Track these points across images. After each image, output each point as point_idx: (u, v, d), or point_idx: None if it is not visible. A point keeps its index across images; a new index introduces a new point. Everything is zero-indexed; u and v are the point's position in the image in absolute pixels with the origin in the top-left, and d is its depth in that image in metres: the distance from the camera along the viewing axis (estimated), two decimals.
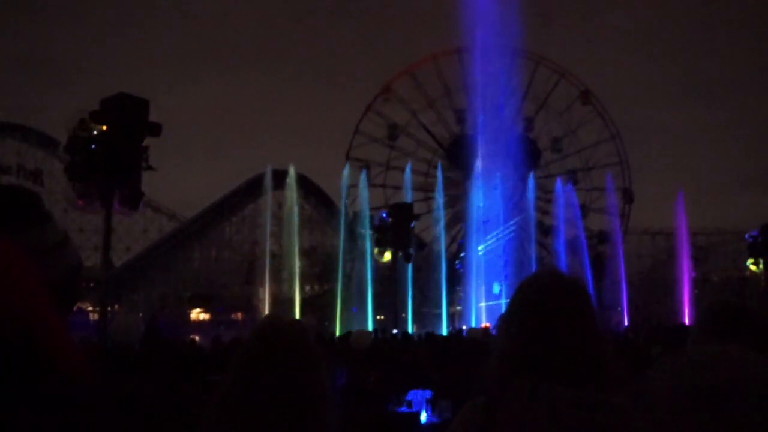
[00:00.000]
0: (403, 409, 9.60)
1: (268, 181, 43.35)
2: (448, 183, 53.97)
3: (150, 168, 17.79)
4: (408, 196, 45.33)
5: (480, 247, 44.29)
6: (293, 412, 2.20)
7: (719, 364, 1.39)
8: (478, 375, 2.50)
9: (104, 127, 16.86)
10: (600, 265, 45.75)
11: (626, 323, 37.36)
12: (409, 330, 30.68)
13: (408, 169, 48.05)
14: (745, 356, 1.42)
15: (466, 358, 13.12)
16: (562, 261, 42.73)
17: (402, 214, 33.39)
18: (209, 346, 17.47)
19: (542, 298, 2.18)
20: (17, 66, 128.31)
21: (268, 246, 42.58)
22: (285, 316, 2.48)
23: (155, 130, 17.65)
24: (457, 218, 54.34)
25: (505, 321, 2.26)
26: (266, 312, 35.14)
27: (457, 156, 53.31)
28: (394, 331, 27.10)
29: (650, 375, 1.47)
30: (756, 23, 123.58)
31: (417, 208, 38.41)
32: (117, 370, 6.71)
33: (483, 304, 41.55)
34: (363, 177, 45.57)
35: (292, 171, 41.71)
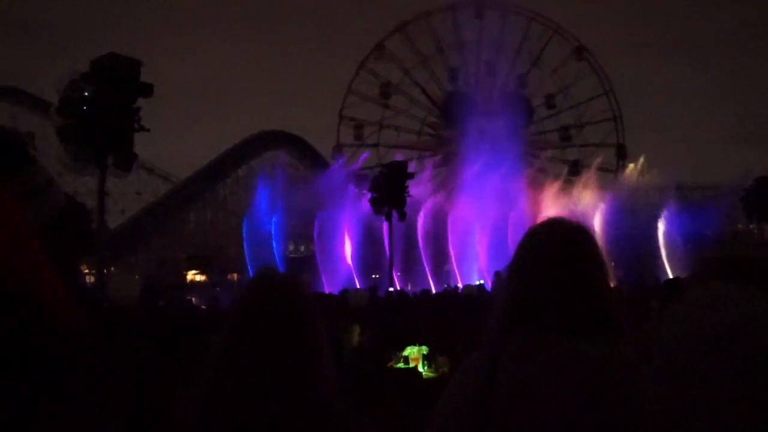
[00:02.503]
0: (401, 365, 9.68)
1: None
2: (442, 141, 53.89)
3: (143, 129, 17.68)
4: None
5: None
6: (290, 368, 2.19)
7: (721, 305, 1.37)
8: (475, 330, 2.47)
9: (95, 89, 16.72)
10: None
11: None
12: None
13: None
14: (746, 294, 1.40)
15: (461, 314, 13.21)
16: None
17: (396, 172, 33.29)
18: (206, 307, 17.54)
19: (547, 245, 2.14)
20: (10, 29, 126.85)
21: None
22: (279, 272, 2.46)
23: (147, 90, 17.52)
24: (451, 176, 54.30)
25: (510, 270, 2.22)
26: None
27: (450, 114, 53.11)
28: (390, 289, 27.21)
29: (653, 325, 1.45)
30: None
31: (410, 168, 38.23)
32: (115, 330, 6.74)
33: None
34: None
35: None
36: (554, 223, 2.24)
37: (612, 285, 2.22)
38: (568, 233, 2.16)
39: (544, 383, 1.94)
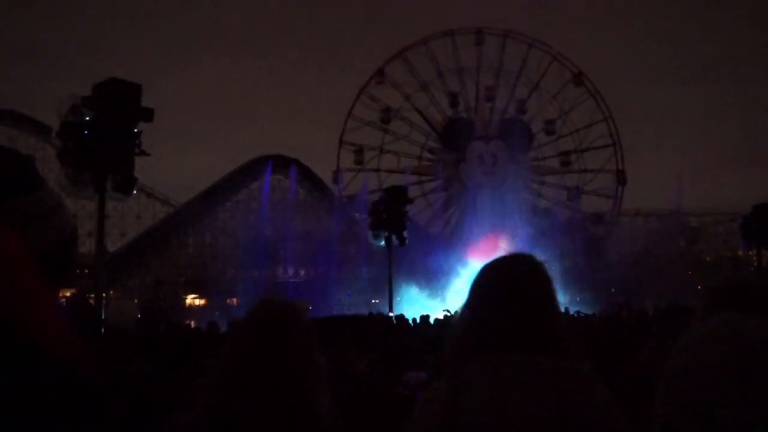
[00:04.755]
0: (399, 390, 9.63)
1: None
2: (442, 166, 53.97)
3: (143, 153, 17.74)
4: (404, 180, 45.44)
5: None
6: (289, 393, 2.20)
7: (736, 334, 1.37)
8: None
9: (96, 113, 16.80)
10: (593, 247, 45.87)
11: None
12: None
13: None
14: (760, 324, 1.41)
15: None
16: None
17: (396, 197, 33.37)
18: (205, 331, 17.48)
19: (499, 279, 2.24)
20: (9, 51, 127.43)
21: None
22: (280, 298, 2.47)
23: (148, 115, 17.61)
24: (451, 201, 54.39)
25: (465, 305, 2.30)
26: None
27: (450, 139, 53.26)
28: (390, 314, 27.14)
29: (655, 350, 1.47)
30: (748, 3, 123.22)
31: (411, 192, 38.27)
32: (113, 354, 6.72)
33: None
34: None
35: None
36: (506, 259, 2.34)
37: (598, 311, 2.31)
38: (518, 266, 2.28)
39: (510, 396, 1.99)
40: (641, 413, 2.10)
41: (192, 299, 50.50)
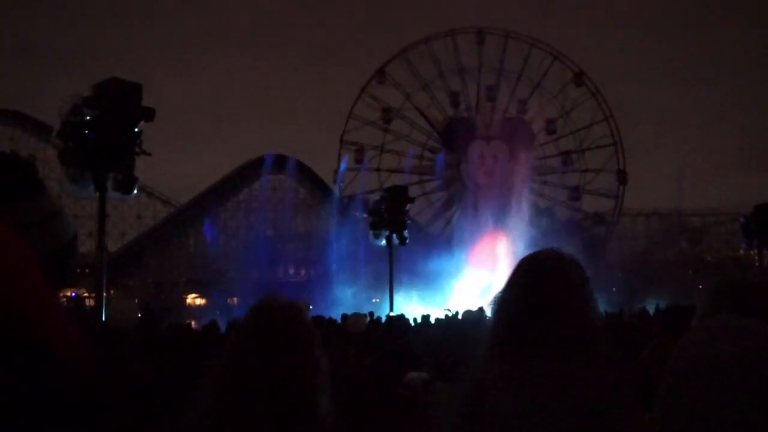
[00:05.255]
0: (400, 391, 9.62)
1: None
2: (443, 166, 53.96)
3: (144, 153, 17.74)
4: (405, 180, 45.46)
5: None
6: (290, 393, 2.19)
7: (736, 334, 1.36)
8: (476, 356, 2.51)
9: (97, 113, 16.80)
10: (594, 247, 45.83)
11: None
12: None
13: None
14: (760, 325, 1.40)
15: (462, 339, 13.14)
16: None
17: (397, 196, 33.37)
18: (205, 331, 17.46)
19: (535, 276, 2.18)
20: (10, 51, 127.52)
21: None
22: (281, 298, 2.46)
23: (148, 114, 17.60)
24: (452, 201, 54.40)
25: (499, 301, 2.25)
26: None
27: (451, 139, 53.25)
28: (390, 314, 27.12)
29: (656, 353, 1.46)
30: (751, 3, 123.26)
31: (411, 191, 38.26)
32: (113, 354, 6.72)
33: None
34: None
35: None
36: (543, 254, 2.28)
37: (604, 312, 2.27)
38: (556, 264, 2.20)
39: (528, 402, 1.97)
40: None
41: (192, 299, 50.51)
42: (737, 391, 1.32)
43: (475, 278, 41.11)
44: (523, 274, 2.24)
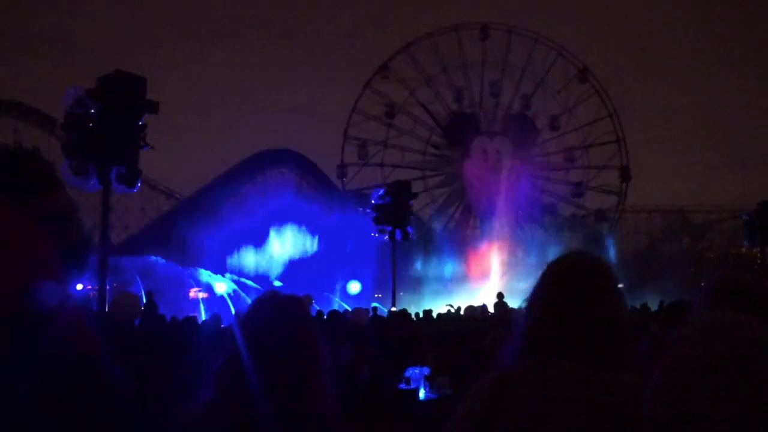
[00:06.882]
0: (402, 386, 9.65)
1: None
2: (446, 161, 53.94)
3: (148, 146, 17.75)
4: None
5: None
6: (293, 387, 2.21)
7: (725, 330, 1.37)
8: (477, 352, 2.52)
9: (101, 106, 16.80)
10: (597, 243, 45.82)
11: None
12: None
13: None
14: (748, 321, 1.41)
15: (463, 335, 13.19)
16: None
17: (400, 192, 33.32)
18: (207, 324, 17.50)
19: (566, 278, 2.20)
20: (15, 43, 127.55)
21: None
22: (284, 292, 2.48)
23: (153, 107, 17.60)
24: (455, 196, 54.38)
25: (530, 299, 2.27)
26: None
27: (454, 134, 53.20)
28: (393, 308, 27.14)
29: (656, 349, 1.46)
30: (755, 1, 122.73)
31: (415, 187, 38.22)
32: (117, 345, 6.74)
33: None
34: None
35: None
36: (574, 256, 2.29)
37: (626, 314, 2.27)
38: (587, 266, 2.22)
39: (548, 406, 1.97)
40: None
41: (195, 292, 50.49)
42: (726, 389, 1.33)
43: (477, 276, 41.17)
44: (555, 276, 2.25)
